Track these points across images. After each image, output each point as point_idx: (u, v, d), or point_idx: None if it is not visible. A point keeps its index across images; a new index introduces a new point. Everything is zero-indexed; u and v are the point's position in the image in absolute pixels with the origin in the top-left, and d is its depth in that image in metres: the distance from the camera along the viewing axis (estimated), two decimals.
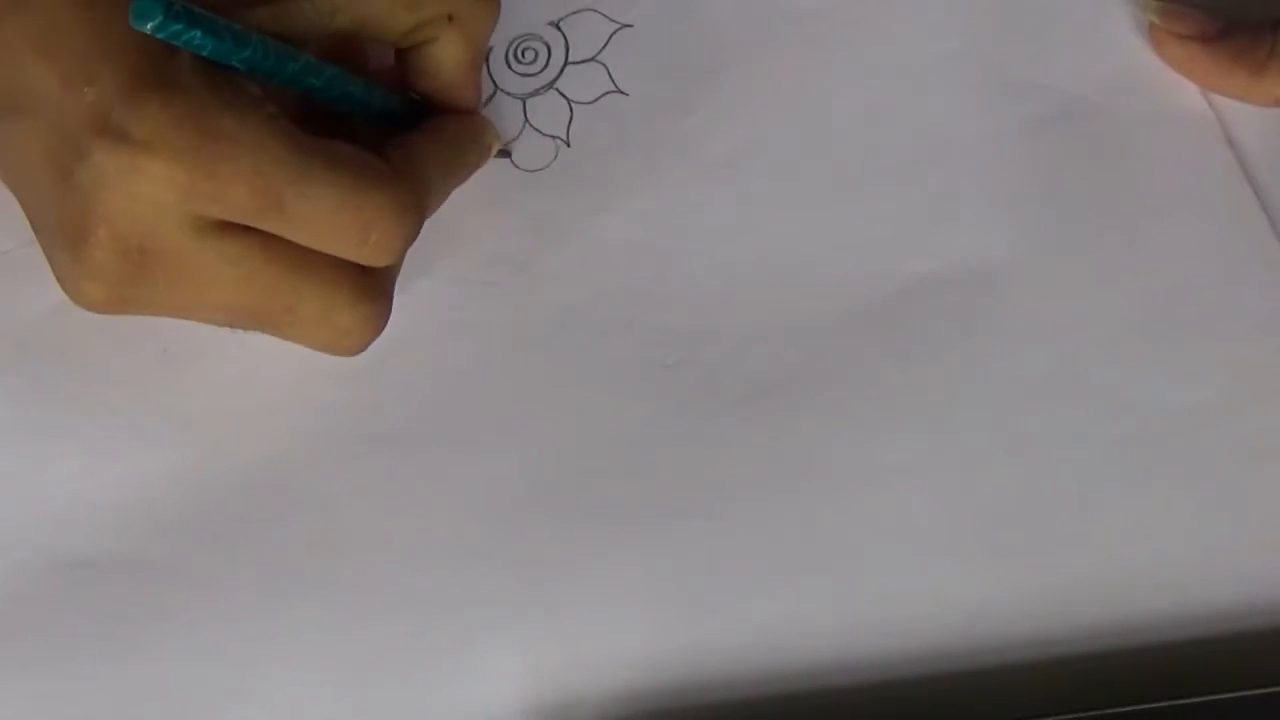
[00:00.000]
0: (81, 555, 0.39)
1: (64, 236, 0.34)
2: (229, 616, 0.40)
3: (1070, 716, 0.38)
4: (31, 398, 0.40)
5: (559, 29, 0.45)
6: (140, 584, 0.39)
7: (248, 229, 0.34)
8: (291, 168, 0.33)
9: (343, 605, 0.40)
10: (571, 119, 0.44)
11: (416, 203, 0.36)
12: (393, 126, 0.39)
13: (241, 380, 0.41)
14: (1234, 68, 0.43)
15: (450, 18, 0.38)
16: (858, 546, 0.41)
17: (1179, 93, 0.44)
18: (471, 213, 0.43)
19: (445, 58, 0.39)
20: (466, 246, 0.43)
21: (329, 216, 0.34)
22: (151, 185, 0.33)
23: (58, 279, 0.35)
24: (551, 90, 0.44)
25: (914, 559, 0.41)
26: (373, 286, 0.37)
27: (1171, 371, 0.42)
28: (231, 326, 0.37)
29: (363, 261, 0.36)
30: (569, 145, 0.44)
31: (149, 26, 0.31)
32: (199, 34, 0.32)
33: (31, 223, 0.36)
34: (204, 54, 0.33)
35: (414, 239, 0.36)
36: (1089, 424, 0.42)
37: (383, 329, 0.37)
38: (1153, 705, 0.38)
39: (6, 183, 0.37)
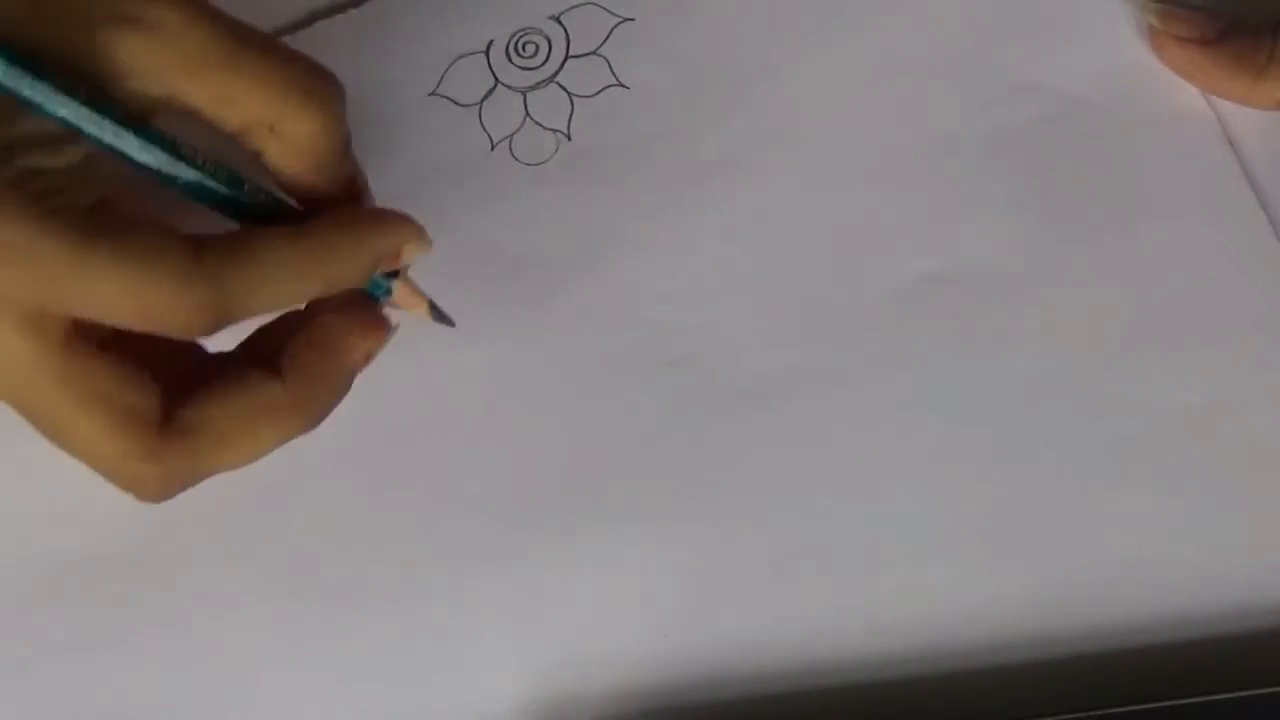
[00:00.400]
0: (81, 555, 0.39)
1: None
2: (229, 616, 0.39)
3: (1070, 716, 0.38)
4: None
5: (560, 23, 0.44)
6: (140, 584, 0.39)
7: (67, 342, 0.33)
8: (68, 264, 0.32)
9: (342, 604, 0.40)
10: (572, 113, 0.44)
11: (210, 298, 0.33)
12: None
13: None
14: (1234, 71, 0.43)
15: (271, 129, 0.35)
16: (858, 546, 0.41)
17: (1179, 93, 0.44)
18: (471, 208, 0.43)
19: (281, 168, 0.36)
20: (466, 243, 0.42)
21: (112, 304, 0.32)
22: None
23: None
24: (552, 84, 0.44)
25: (914, 559, 0.41)
26: (161, 443, 0.35)
27: (1171, 371, 0.42)
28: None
29: (167, 334, 0.33)
30: (570, 139, 0.43)
31: None
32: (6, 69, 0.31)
33: None
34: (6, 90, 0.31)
35: (210, 328, 0.33)
36: (1089, 424, 0.42)
37: (162, 500, 0.35)
38: (1153, 705, 0.39)
39: None
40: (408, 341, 0.40)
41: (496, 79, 0.44)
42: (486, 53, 0.44)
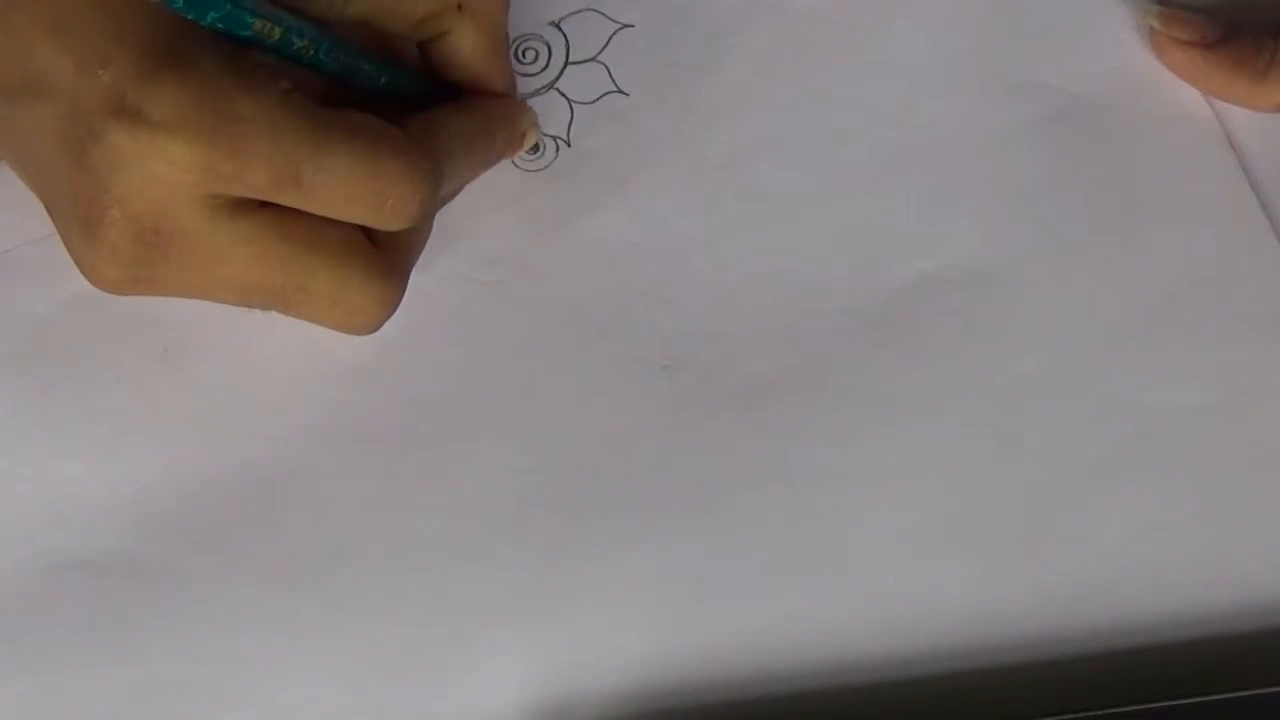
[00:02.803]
0: (81, 555, 0.39)
1: (79, 219, 0.34)
2: (229, 616, 0.39)
3: (1070, 716, 0.38)
4: (31, 398, 0.40)
5: (559, 29, 0.45)
6: (140, 584, 0.39)
7: (262, 206, 0.34)
8: (307, 142, 0.33)
9: (343, 605, 0.40)
10: (572, 119, 0.44)
11: (432, 168, 0.35)
12: (421, 107, 0.39)
13: (241, 380, 0.41)
14: (1235, 75, 0.43)
15: (460, 6, 0.38)
16: (858, 546, 0.41)
17: (1179, 93, 0.44)
18: (471, 212, 0.43)
19: (463, 48, 0.39)
20: (466, 246, 0.43)
21: (345, 185, 0.34)
22: (167, 166, 0.32)
23: (74, 260, 0.35)
24: (552, 90, 0.44)
25: (914, 559, 0.41)
26: (387, 266, 0.37)
27: (1171, 371, 0.42)
28: (245, 305, 0.37)
29: (381, 227, 0.35)
30: (569, 145, 0.44)
31: (175, 3, 0.31)
32: (219, 9, 0.32)
33: (46, 207, 0.36)
34: (218, 25, 0.32)
35: (430, 204, 0.36)
36: (1089, 424, 0.42)
37: (394, 309, 0.37)
38: (1153, 705, 0.38)
39: (18, 169, 0.37)
40: (407, 342, 0.41)
41: None
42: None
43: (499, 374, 0.42)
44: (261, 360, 0.40)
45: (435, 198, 0.36)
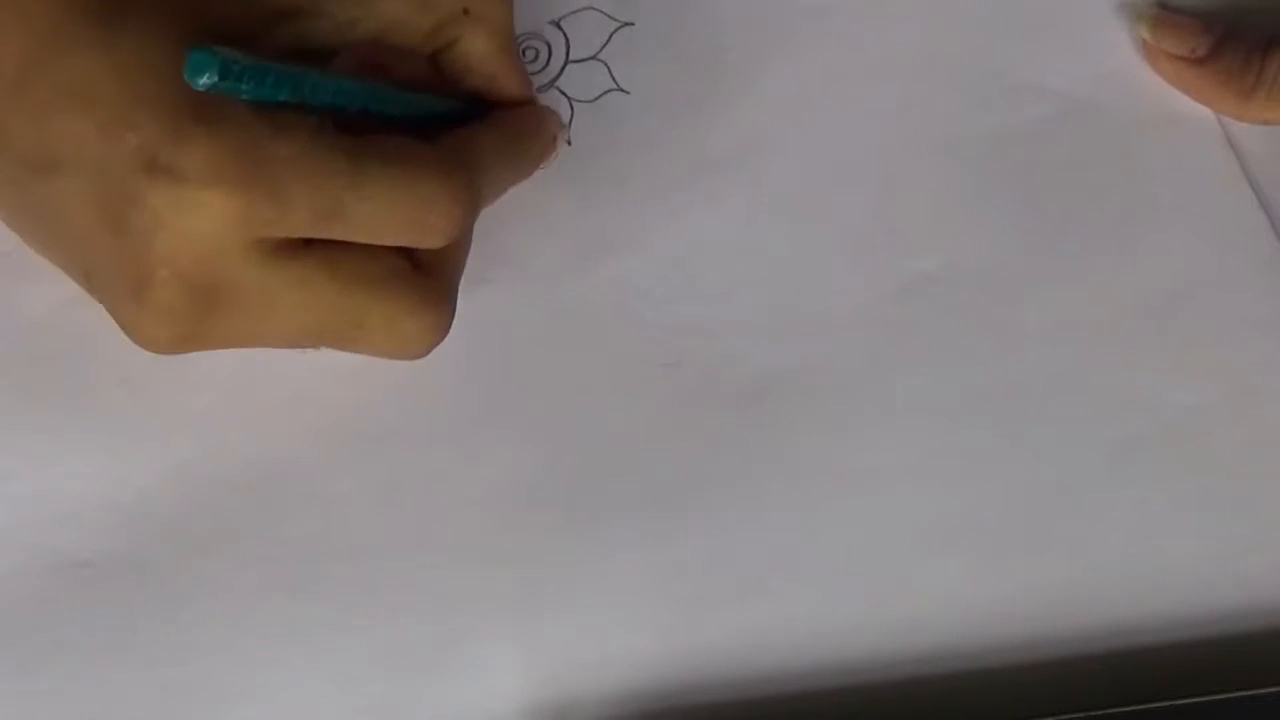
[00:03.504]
0: (81, 555, 0.39)
1: (125, 285, 0.34)
2: (229, 616, 0.39)
3: (1070, 716, 0.38)
4: (32, 398, 0.40)
5: (560, 27, 0.45)
6: (140, 584, 0.39)
7: (308, 246, 0.34)
8: (346, 173, 0.33)
9: (343, 605, 0.40)
10: (572, 117, 0.44)
11: (469, 181, 0.36)
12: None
13: (241, 380, 0.40)
14: (1223, 91, 0.43)
15: (466, 11, 0.38)
16: (858, 546, 0.41)
17: (1179, 93, 0.44)
18: None
19: (474, 52, 0.39)
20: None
21: (387, 210, 0.34)
22: (210, 219, 0.32)
23: (123, 329, 0.35)
24: (552, 89, 0.44)
25: (914, 559, 0.41)
26: (435, 291, 0.37)
27: (1171, 371, 0.42)
28: (297, 347, 0.37)
29: (424, 245, 0.36)
30: (570, 144, 0.44)
31: (203, 83, 0.30)
32: (250, 85, 0.32)
33: (85, 280, 0.36)
34: (257, 97, 0.32)
35: (471, 218, 0.36)
36: (1089, 424, 0.42)
37: (446, 333, 0.37)
38: (1153, 705, 0.39)
39: (44, 248, 0.37)
40: None
41: None
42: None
43: (499, 374, 0.42)
44: (261, 360, 0.40)
45: (475, 211, 0.36)
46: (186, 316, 0.34)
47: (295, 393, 0.41)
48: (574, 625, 0.40)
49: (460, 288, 0.39)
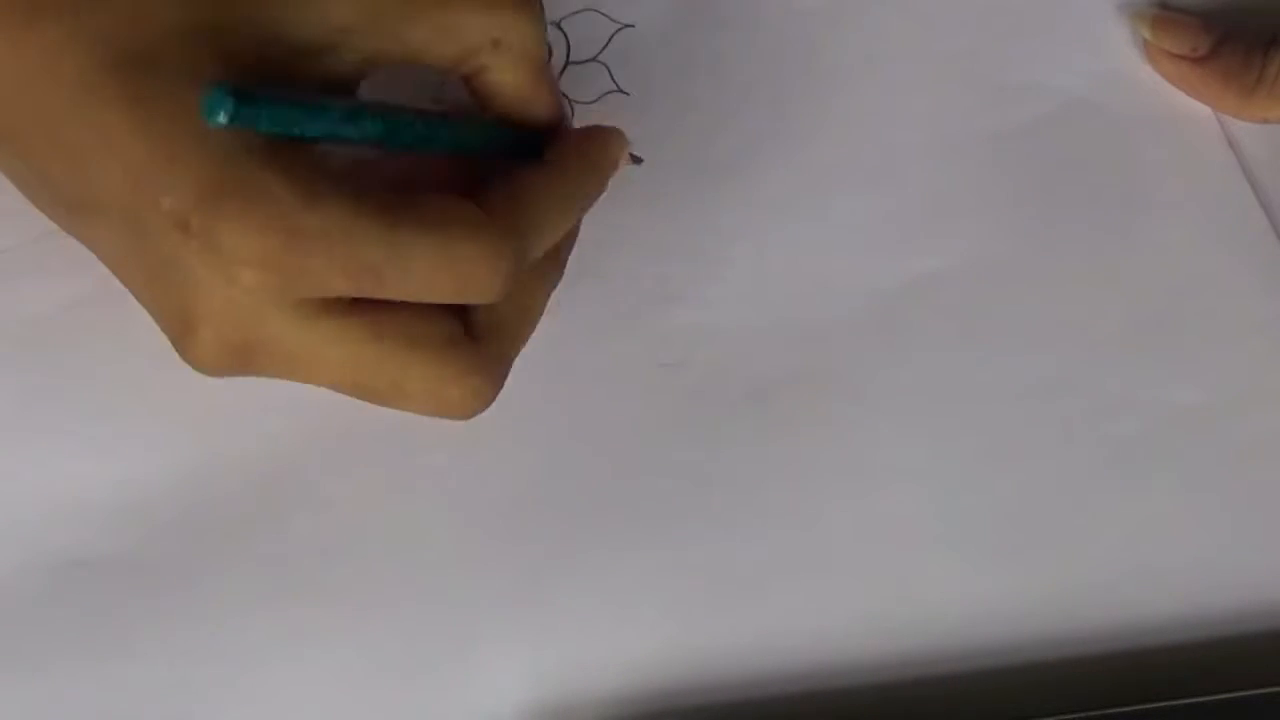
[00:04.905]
0: (81, 555, 0.39)
1: (167, 329, 0.34)
2: (229, 616, 0.39)
3: (1071, 716, 0.38)
4: (31, 398, 0.40)
5: (560, 29, 0.45)
6: (140, 584, 0.39)
7: (352, 306, 0.34)
8: (381, 242, 0.32)
9: (342, 605, 0.40)
10: (572, 119, 0.44)
11: (512, 244, 0.34)
12: (515, 154, 0.38)
13: (242, 380, 0.40)
14: (1224, 90, 0.43)
15: (495, 43, 0.36)
16: (858, 546, 0.41)
17: (1179, 93, 0.45)
18: None
19: (504, 82, 0.38)
20: None
21: (424, 277, 0.33)
22: (245, 290, 0.32)
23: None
24: None
25: (914, 559, 0.41)
26: (484, 358, 0.36)
27: (1171, 371, 0.42)
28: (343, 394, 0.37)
29: (469, 302, 0.35)
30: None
31: (222, 119, 0.30)
32: (270, 119, 0.31)
33: (137, 298, 0.36)
34: (276, 131, 0.32)
35: (513, 279, 0.35)
36: (1089, 424, 0.42)
37: (491, 402, 0.36)
38: (1153, 705, 0.39)
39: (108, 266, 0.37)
40: None
41: None
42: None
43: None
44: None
45: (518, 271, 0.35)
46: (229, 366, 0.34)
47: (295, 393, 0.40)
48: (574, 625, 0.40)
49: None
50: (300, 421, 0.41)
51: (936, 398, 0.42)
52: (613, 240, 0.43)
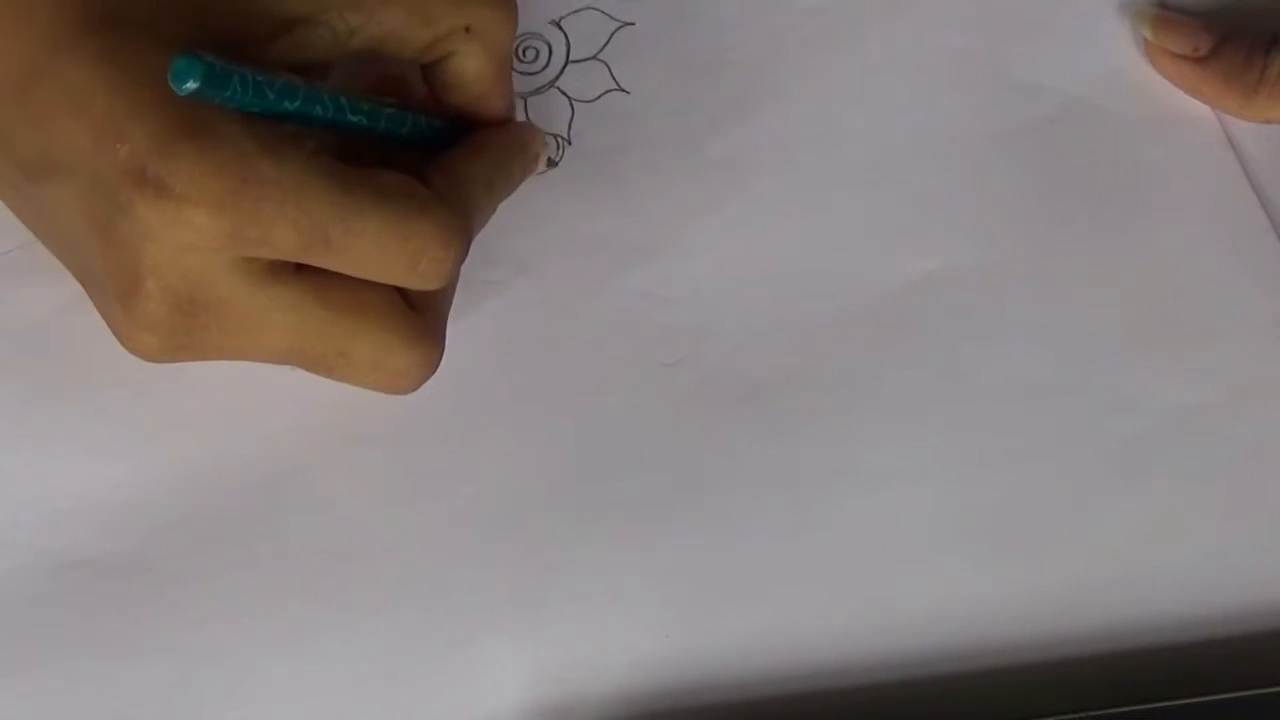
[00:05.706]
0: (81, 555, 0.39)
1: (114, 290, 0.34)
2: (229, 616, 0.39)
3: (1071, 716, 0.38)
4: (31, 398, 0.40)
5: (560, 27, 0.45)
6: (140, 584, 0.39)
7: (299, 272, 0.34)
8: (335, 204, 0.33)
9: (342, 605, 0.40)
10: (573, 117, 0.44)
11: (462, 225, 0.35)
12: (435, 148, 0.39)
13: (241, 380, 0.40)
14: (1225, 90, 0.43)
15: (467, 29, 0.37)
16: (858, 546, 0.41)
17: (1179, 93, 0.44)
18: None
19: (468, 70, 0.39)
20: None
21: (376, 248, 0.34)
22: (195, 235, 0.32)
23: (113, 331, 0.35)
24: (553, 89, 0.44)
25: (914, 559, 0.41)
26: (426, 327, 0.36)
27: (1171, 371, 0.42)
28: (284, 365, 0.37)
29: (414, 287, 0.35)
30: (570, 144, 0.44)
31: (187, 88, 0.30)
32: (235, 92, 0.31)
33: (81, 281, 0.37)
34: (240, 108, 0.32)
35: (462, 261, 0.36)
36: (1089, 424, 0.42)
37: (435, 370, 0.37)
38: (1153, 705, 0.39)
39: (51, 247, 0.37)
40: None
41: None
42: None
43: (499, 374, 0.42)
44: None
45: (466, 254, 0.36)
46: (173, 327, 0.34)
47: (295, 393, 0.41)
48: (574, 625, 0.40)
49: (459, 288, 0.39)
50: (300, 421, 0.41)
51: (936, 398, 0.42)
52: (611, 240, 0.43)
